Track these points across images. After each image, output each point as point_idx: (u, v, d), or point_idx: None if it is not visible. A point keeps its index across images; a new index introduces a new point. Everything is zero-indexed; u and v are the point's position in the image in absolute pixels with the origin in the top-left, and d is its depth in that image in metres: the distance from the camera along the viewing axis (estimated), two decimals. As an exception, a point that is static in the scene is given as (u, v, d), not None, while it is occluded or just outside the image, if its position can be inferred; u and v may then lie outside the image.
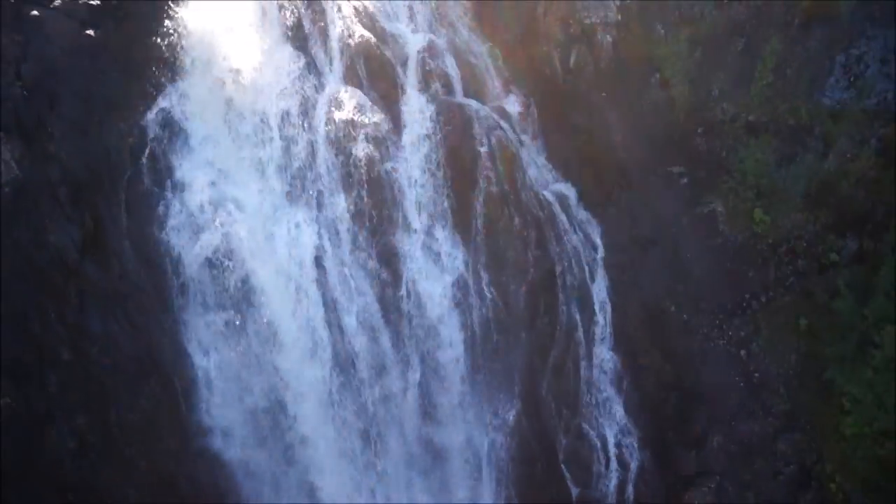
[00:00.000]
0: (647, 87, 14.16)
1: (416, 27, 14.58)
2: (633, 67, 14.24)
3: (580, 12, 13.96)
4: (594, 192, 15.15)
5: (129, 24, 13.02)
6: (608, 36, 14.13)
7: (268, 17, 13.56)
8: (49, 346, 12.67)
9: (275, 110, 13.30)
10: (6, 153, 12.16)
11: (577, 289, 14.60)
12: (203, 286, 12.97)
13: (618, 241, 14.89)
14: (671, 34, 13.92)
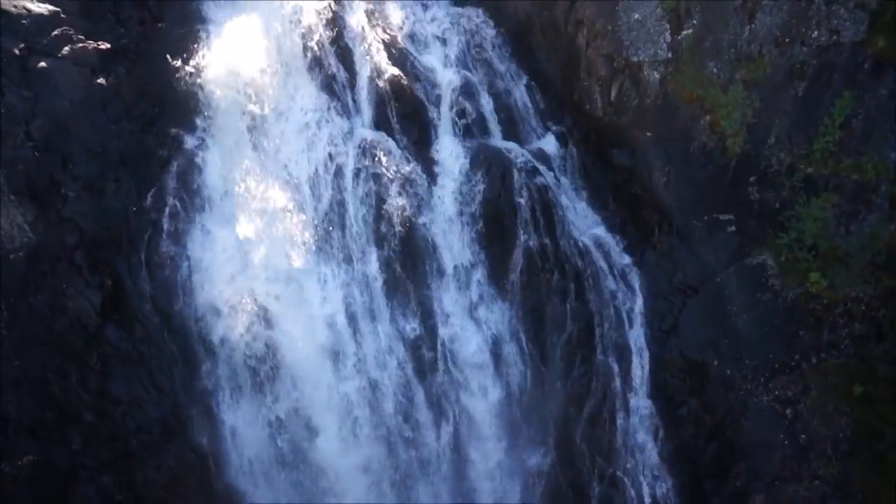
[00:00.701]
0: (696, 128, 12.83)
1: (449, 61, 13.24)
2: (682, 107, 12.88)
3: (627, 49, 12.60)
4: (634, 234, 13.93)
5: (142, 68, 11.68)
6: (655, 72, 12.77)
7: (291, 57, 12.26)
8: (71, 407, 11.90)
9: (300, 160, 12.25)
10: (18, 217, 11.06)
11: (615, 337, 13.67)
12: (229, 347, 12.10)
13: (658, 287, 13.76)
14: (725, 74, 12.48)
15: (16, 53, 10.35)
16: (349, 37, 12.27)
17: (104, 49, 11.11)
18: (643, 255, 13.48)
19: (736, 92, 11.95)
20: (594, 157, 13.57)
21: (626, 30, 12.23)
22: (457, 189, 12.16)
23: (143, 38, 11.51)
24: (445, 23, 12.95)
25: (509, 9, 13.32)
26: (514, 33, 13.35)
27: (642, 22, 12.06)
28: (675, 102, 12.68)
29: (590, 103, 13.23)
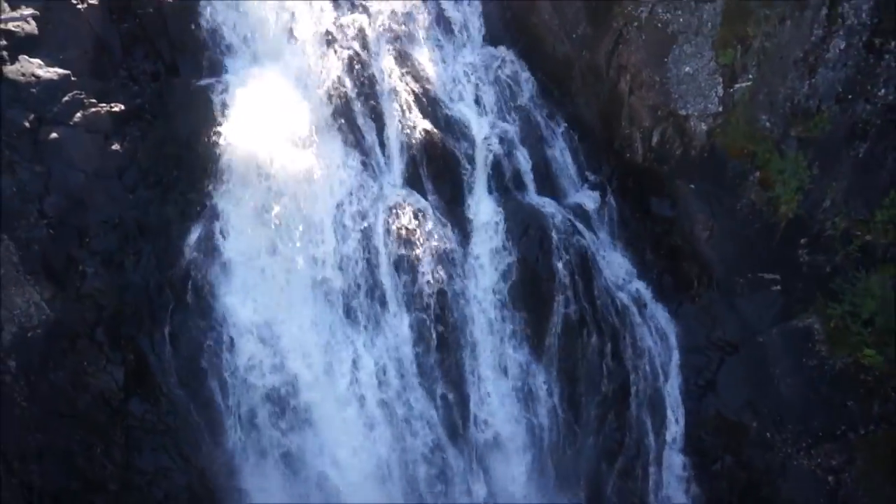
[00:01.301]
0: (745, 184, 11.81)
1: (484, 110, 12.17)
2: (730, 161, 11.88)
3: (675, 102, 11.50)
4: (671, 284, 13.13)
5: (157, 129, 10.64)
6: (703, 123, 11.70)
7: (316, 111, 11.26)
8: (96, 477, 11.35)
9: (328, 223, 11.31)
10: (35, 295, 10.22)
11: (650, 391, 13.01)
12: (257, 419, 11.47)
13: (695, 341, 12.94)
14: (779, 129, 11.39)
15: (26, 126, 9.35)
16: (378, 89, 11.12)
17: (118, 111, 10.06)
18: (680, 306, 12.59)
19: (793, 157, 10.91)
20: (632, 205, 12.56)
21: (675, 82, 11.12)
22: (492, 252, 11.25)
23: (157, 96, 10.44)
24: (479, 66, 11.72)
25: (547, 49, 12.12)
26: (552, 75, 12.13)
27: (693, 76, 10.95)
28: (722, 155, 11.63)
29: (630, 151, 12.18)
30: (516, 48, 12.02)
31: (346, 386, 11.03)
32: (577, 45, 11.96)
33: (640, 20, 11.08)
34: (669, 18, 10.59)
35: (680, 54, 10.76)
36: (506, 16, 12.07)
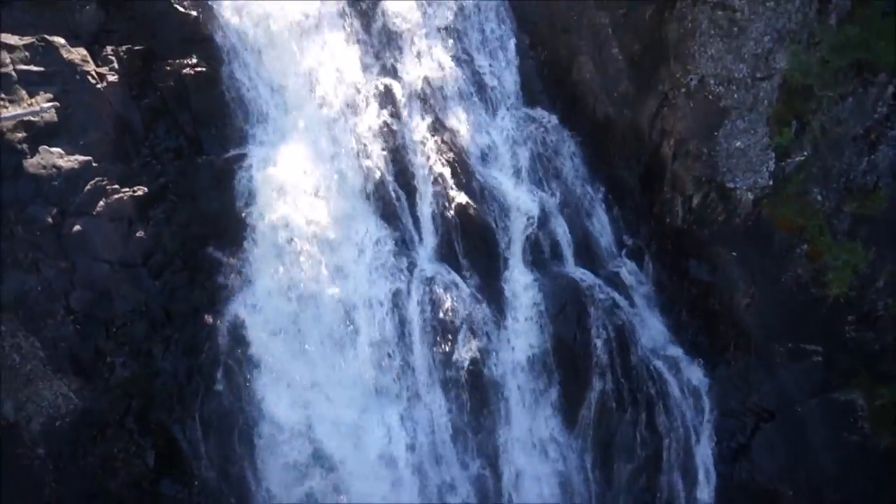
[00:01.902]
0: (791, 256, 11.13)
1: (521, 178, 11.46)
2: (777, 232, 11.24)
3: (723, 175, 10.72)
4: (706, 345, 12.68)
5: (182, 210, 10.00)
6: (749, 193, 11.01)
7: (346, 184, 10.57)
8: (130, 555, 11.09)
9: (361, 299, 10.78)
10: (63, 387, 9.88)
11: (682, 454, 12.69)
12: (291, 494, 11.21)
13: (729, 405, 12.43)
14: (831, 203, 10.70)
15: (49, 222, 8.81)
16: (410, 159, 10.44)
17: (141, 195, 9.40)
18: (715, 368, 12.04)
19: (848, 245, 10.21)
20: (670, 268, 11.99)
21: (724, 156, 10.33)
22: (527, 327, 10.74)
23: (181, 175, 9.74)
24: (515, 130, 10.98)
25: (586, 109, 11.27)
26: (591, 136, 11.30)
27: (744, 150, 10.15)
28: (769, 225, 10.93)
29: (670, 216, 11.49)
30: (554, 108, 11.22)
31: (379, 458, 10.71)
32: (618, 103, 11.12)
33: (688, 87, 10.25)
34: (722, 92, 9.76)
35: (732, 129, 9.95)
36: (543, 73, 11.20)
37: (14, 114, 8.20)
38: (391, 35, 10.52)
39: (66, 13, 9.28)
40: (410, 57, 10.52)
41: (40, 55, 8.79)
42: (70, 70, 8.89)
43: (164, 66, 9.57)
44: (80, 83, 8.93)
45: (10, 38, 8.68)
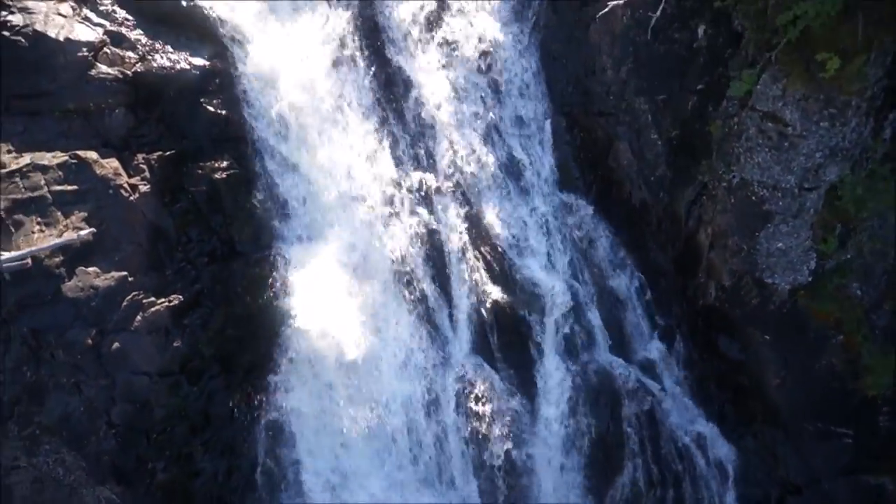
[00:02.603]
0: (826, 346, 11.00)
1: (554, 267, 11.25)
2: (812, 321, 11.10)
3: (762, 271, 10.54)
4: (733, 415, 12.72)
5: (218, 315, 9.84)
6: (787, 286, 10.84)
7: (381, 282, 10.41)
8: None
9: (396, 397, 10.78)
10: (105, 491, 10.02)
11: (706, 521, 12.82)
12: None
13: (755, 475, 12.53)
14: (871, 299, 10.56)
15: (89, 343, 8.76)
16: (445, 255, 10.30)
17: (177, 304, 9.37)
18: (742, 439, 12.15)
19: (880, 316, 10.14)
20: (701, 345, 11.96)
21: (765, 255, 10.12)
22: (560, 419, 10.77)
23: (215, 280, 9.64)
24: (550, 219, 10.80)
25: (622, 195, 10.97)
26: (626, 221, 11.12)
27: (785, 251, 9.93)
28: (804, 315, 10.80)
29: (703, 298, 11.43)
30: (589, 192, 10.97)
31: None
32: (654, 187, 10.85)
33: (730, 183, 9.99)
34: (766, 196, 9.48)
35: (774, 231, 9.73)
36: (579, 157, 10.92)
37: (53, 244, 8.05)
38: (424, 124, 10.18)
39: (94, 120, 8.98)
40: (444, 146, 10.21)
41: (73, 173, 8.57)
42: (103, 186, 8.68)
43: (196, 168, 9.34)
44: (114, 198, 8.73)
45: (44, 158, 8.46)
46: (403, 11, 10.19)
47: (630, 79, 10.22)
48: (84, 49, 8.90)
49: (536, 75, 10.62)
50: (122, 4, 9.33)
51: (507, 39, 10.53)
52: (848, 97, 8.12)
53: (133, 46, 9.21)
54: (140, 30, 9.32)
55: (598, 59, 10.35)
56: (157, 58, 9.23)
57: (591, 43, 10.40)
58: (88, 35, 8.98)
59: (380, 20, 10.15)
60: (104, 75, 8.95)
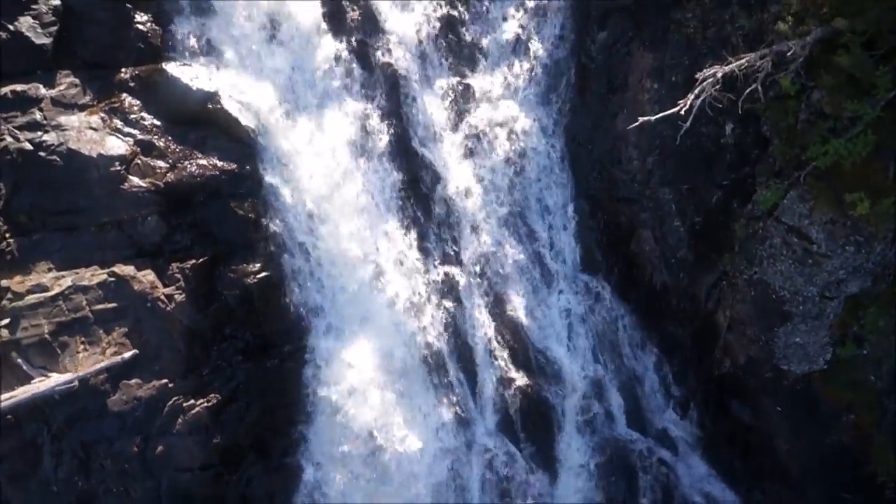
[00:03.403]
0: (837, 423, 11.37)
1: (576, 350, 11.48)
2: (825, 400, 11.40)
3: (779, 359, 10.75)
4: (742, 470, 13.23)
5: (255, 409, 10.28)
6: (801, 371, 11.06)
7: (410, 372, 10.72)
8: None
9: (424, 476, 11.22)
10: None
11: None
12: None
13: (761, 524, 13.31)
14: (884, 384, 10.82)
15: (135, 451, 9.21)
16: (471, 344, 10.59)
17: (215, 402, 9.77)
18: (750, 492, 12.81)
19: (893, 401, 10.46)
20: (714, 409, 12.39)
21: (782, 346, 10.38)
22: (580, 492, 11.35)
23: (250, 375, 9.96)
24: (573, 303, 11.03)
25: (644, 277, 11.10)
26: (646, 301, 11.37)
27: (802, 345, 10.23)
28: (817, 394, 11.17)
29: (719, 369, 11.77)
30: (611, 274, 11.16)
31: None
32: (675, 269, 11.02)
33: (750, 277, 10.17)
34: (787, 297, 9.69)
35: (793, 330, 9.99)
36: (602, 241, 11.06)
37: (98, 367, 8.42)
38: (450, 216, 10.33)
39: (128, 229, 9.18)
40: (469, 238, 10.37)
41: (112, 291, 8.84)
42: (141, 300, 8.96)
43: (228, 272, 9.58)
44: (151, 311, 9.03)
45: (84, 278, 8.72)
46: (430, 105, 10.15)
47: (655, 169, 10.25)
48: (117, 163, 8.98)
49: (561, 160, 10.66)
50: (150, 110, 9.30)
51: (533, 125, 10.52)
52: (875, 229, 8.21)
53: (163, 155, 9.28)
54: (169, 136, 9.36)
55: (624, 148, 10.35)
56: (186, 165, 9.32)
57: (618, 132, 10.37)
58: (120, 148, 9.04)
59: (405, 113, 10.12)
60: (137, 188, 9.08)
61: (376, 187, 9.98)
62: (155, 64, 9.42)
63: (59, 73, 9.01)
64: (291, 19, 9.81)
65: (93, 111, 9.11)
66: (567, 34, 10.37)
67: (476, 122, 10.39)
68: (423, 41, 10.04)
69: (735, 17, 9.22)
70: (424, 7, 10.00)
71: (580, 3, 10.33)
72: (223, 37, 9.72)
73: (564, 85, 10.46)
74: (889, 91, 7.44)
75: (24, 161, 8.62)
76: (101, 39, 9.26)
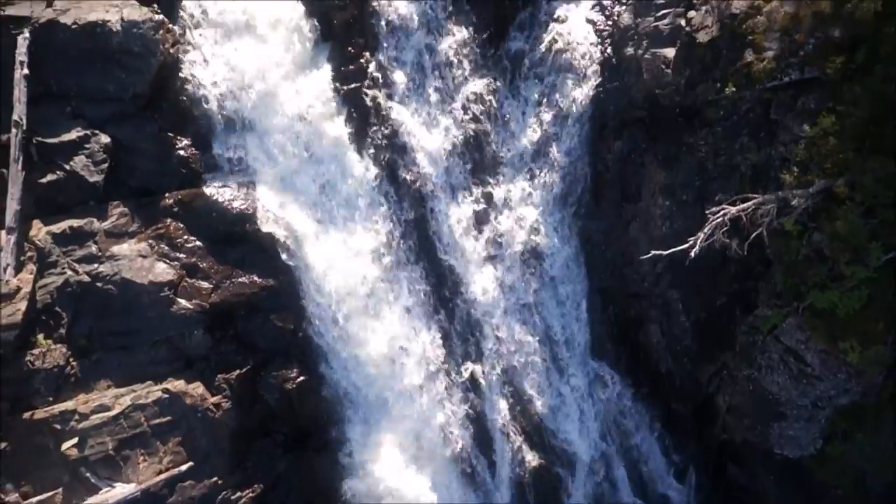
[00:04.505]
0: (826, 496, 12.31)
1: (587, 431, 12.44)
2: (814, 474, 12.38)
3: (773, 445, 11.64)
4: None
5: (293, 495, 11.39)
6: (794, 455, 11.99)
7: (434, 458, 11.71)
8: None
9: None
10: None
11: None
12: None
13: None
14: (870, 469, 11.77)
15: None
16: (491, 431, 11.59)
17: (259, 492, 10.82)
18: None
19: None
20: (711, 471, 13.46)
21: (777, 436, 11.37)
22: (587, 554, 12.53)
23: (290, 465, 10.97)
24: (582, 385, 11.92)
25: (650, 364, 11.98)
26: (650, 382, 12.28)
27: (796, 438, 11.18)
28: (808, 470, 12.20)
29: (717, 440, 12.79)
30: (619, 361, 12.07)
31: None
32: (679, 357, 11.90)
33: (749, 375, 11.06)
34: (782, 401, 10.61)
35: (787, 426, 10.94)
36: (612, 332, 11.92)
37: (160, 479, 9.43)
38: (472, 316, 11.17)
39: (177, 343, 10.05)
40: (490, 336, 11.24)
41: (167, 406, 9.77)
42: (192, 412, 9.90)
43: (269, 378, 10.49)
44: (202, 420, 9.98)
45: (141, 396, 9.64)
46: (453, 215, 10.84)
47: (665, 273, 10.99)
48: (166, 289, 9.77)
49: (576, 258, 11.38)
50: (193, 232, 10.04)
51: (550, 228, 11.20)
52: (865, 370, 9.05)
53: (207, 276, 10.05)
54: (211, 256, 10.10)
55: (635, 253, 11.07)
56: (228, 285, 10.10)
57: (630, 237, 11.07)
58: (168, 273, 9.82)
59: (431, 223, 10.82)
60: (184, 310, 9.90)
61: (403, 293, 10.75)
62: (196, 187, 10.08)
63: (110, 204, 9.70)
64: (322, 137, 10.40)
65: (141, 238, 9.83)
66: (584, 143, 10.94)
67: (496, 228, 11.09)
68: (447, 156, 10.64)
69: (745, 148, 9.79)
70: (449, 124, 10.57)
71: (597, 113, 10.86)
72: (257, 154, 10.34)
73: (581, 190, 11.10)
74: (880, 259, 8.16)
75: (83, 291, 9.41)
76: (147, 167, 9.91)
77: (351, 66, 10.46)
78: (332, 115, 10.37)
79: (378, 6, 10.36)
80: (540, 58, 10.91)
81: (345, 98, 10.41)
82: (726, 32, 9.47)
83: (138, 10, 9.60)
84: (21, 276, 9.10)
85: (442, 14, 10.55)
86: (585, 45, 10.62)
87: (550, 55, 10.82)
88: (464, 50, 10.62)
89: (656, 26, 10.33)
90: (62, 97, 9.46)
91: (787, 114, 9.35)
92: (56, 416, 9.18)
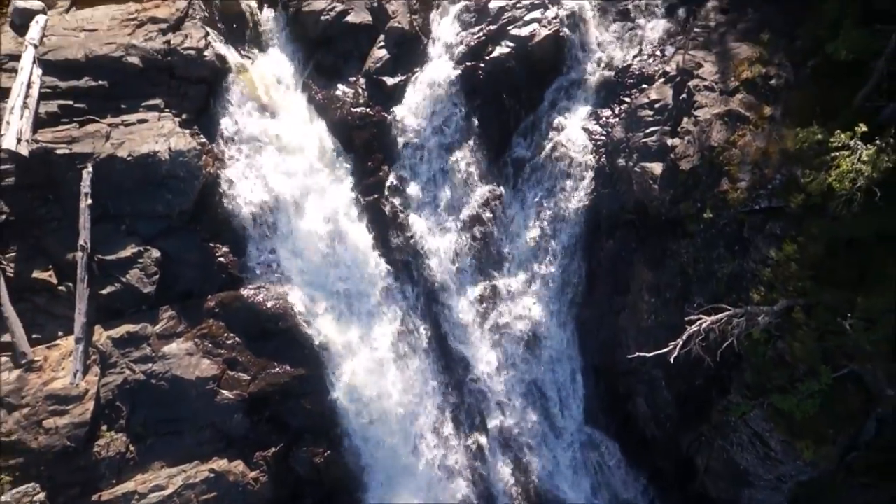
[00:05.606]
0: None
1: (579, 487, 13.98)
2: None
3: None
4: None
5: None
6: None
7: None
8: None
9: None
10: None
11: None
12: None
13: None
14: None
15: None
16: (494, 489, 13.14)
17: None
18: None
19: None
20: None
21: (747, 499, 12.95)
22: None
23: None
24: (577, 449, 13.55)
25: (637, 429, 13.49)
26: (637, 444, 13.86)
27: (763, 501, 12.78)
28: None
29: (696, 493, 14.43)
30: (610, 429, 13.65)
31: None
32: (663, 424, 13.45)
33: (722, 446, 12.62)
34: (750, 472, 12.18)
35: (755, 492, 12.54)
36: (604, 404, 13.47)
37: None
38: (478, 395, 12.70)
39: (220, 426, 11.57)
40: (495, 412, 12.78)
41: (212, 483, 11.31)
42: (235, 487, 11.46)
43: (300, 453, 12.03)
44: (243, 494, 11.54)
45: (191, 476, 11.19)
46: (462, 309, 12.30)
47: (650, 357, 12.47)
48: (210, 382, 11.25)
49: (571, 341, 12.86)
50: (232, 329, 11.49)
51: (549, 316, 12.67)
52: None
53: (246, 369, 11.53)
54: (249, 351, 11.56)
55: (624, 339, 12.56)
56: (264, 375, 11.59)
57: (620, 325, 12.54)
58: (212, 369, 11.28)
59: (442, 316, 12.30)
60: (227, 400, 11.39)
61: (418, 378, 12.25)
62: (235, 290, 11.49)
63: (160, 309, 11.11)
64: (347, 241, 11.80)
65: (188, 337, 11.28)
66: (580, 241, 12.34)
67: (501, 316, 12.54)
68: (456, 258, 12.07)
69: (721, 258, 11.20)
70: (458, 227, 11.97)
71: (592, 215, 12.23)
72: (287, 257, 11.75)
73: (577, 282, 12.53)
74: (829, 379, 9.66)
75: (139, 387, 10.89)
76: (191, 274, 11.30)
77: (371, 178, 11.79)
78: (354, 222, 11.72)
79: (396, 125, 11.67)
80: (541, 164, 12.24)
81: (365, 207, 11.77)
82: (706, 162, 10.81)
83: (184, 138, 10.87)
84: (88, 378, 10.56)
85: (454, 132, 11.86)
86: (582, 154, 11.95)
87: (550, 162, 12.15)
88: (472, 162, 11.95)
89: (645, 142, 11.64)
90: (118, 217, 10.79)
91: (758, 235, 10.73)
92: (120, 497, 10.70)
